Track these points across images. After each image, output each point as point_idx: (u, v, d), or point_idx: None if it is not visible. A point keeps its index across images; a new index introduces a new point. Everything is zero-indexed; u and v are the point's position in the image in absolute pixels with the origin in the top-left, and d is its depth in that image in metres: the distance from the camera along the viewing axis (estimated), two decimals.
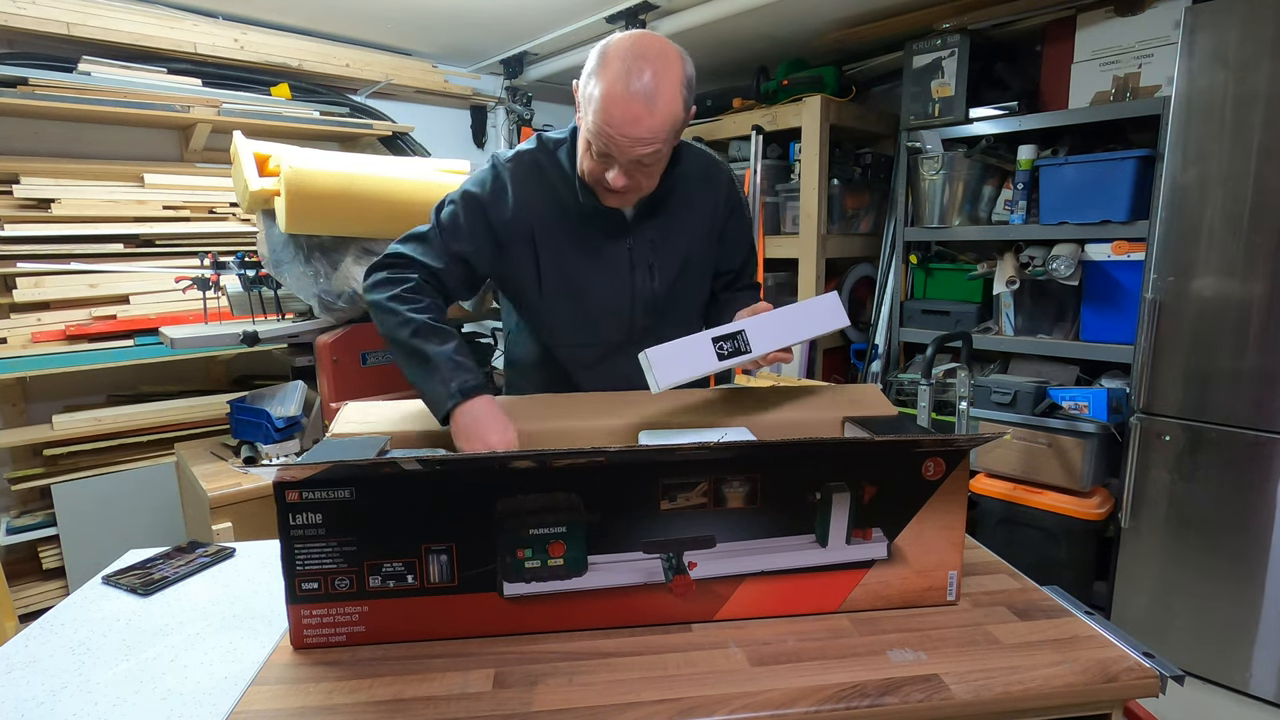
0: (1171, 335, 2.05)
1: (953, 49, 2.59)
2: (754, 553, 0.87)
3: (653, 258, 1.24)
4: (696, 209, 1.27)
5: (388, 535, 0.81)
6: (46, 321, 2.34)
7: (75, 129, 2.49)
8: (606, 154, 1.06)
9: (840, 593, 0.89)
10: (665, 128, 1.03)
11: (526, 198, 1.19)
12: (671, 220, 1.25)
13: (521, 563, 0.84)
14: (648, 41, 1.03)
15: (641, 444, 1.02)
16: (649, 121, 1.01)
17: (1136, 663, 0.77)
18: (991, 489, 2.41)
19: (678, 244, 1.26)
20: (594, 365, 1.29)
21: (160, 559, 1.13)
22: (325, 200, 1.90)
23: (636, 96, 1.00)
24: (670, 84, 1.03)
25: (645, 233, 1.24)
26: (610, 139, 1.02)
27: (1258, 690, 1.98)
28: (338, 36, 3.00)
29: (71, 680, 0.82)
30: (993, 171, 2.67)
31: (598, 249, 1.22)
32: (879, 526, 0.87)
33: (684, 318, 1.32)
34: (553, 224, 1.20)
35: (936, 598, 0.90)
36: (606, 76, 1.01)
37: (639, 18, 2.73)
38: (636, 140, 1.02)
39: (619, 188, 1.08)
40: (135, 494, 2.39)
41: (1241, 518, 1.96)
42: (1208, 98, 1.92)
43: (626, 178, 1.08)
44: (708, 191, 1.28)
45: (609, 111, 1.01)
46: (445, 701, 0.73)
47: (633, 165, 1.07)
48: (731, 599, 0.88)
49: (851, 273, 3.19)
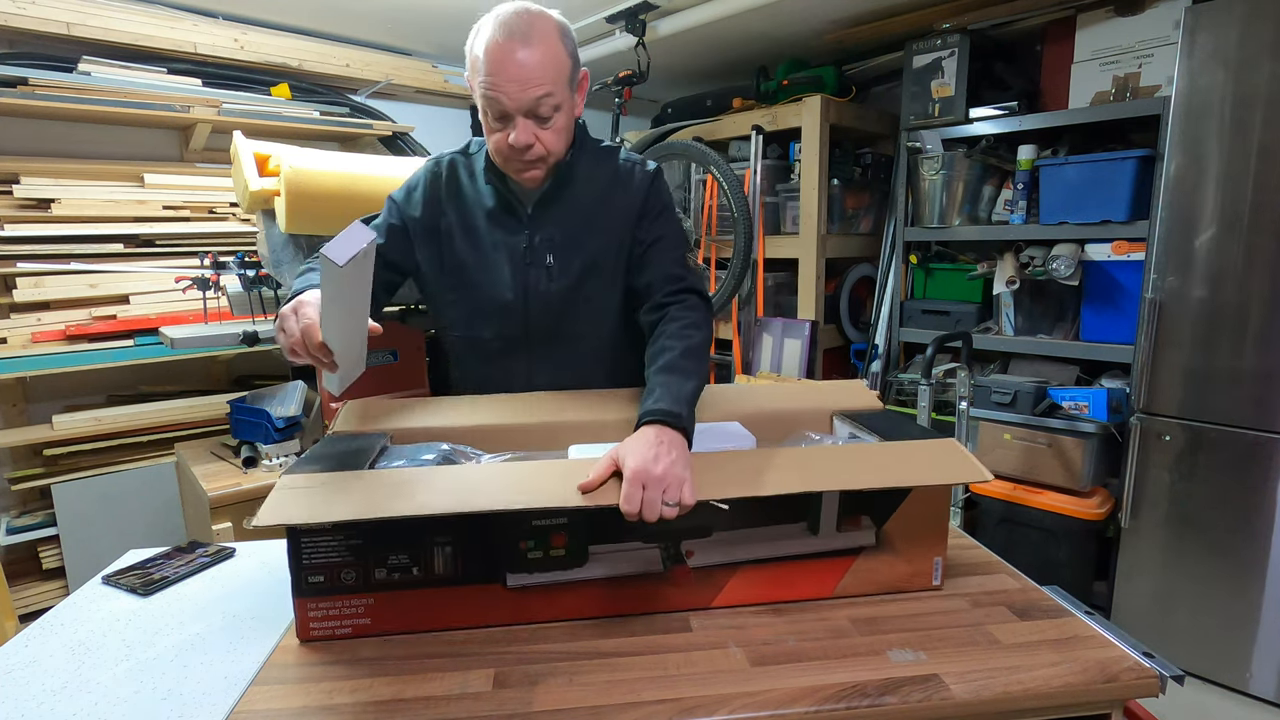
0: (1171, 335, 2.05)
1: (953, 49, 2.59)
2: (748, 541, 0.89)
3: (551, 256, 1.21)
4: (609, 201, 1.22)
5: (393, 528, 0.82)
6: (46, 321, 2.34)
7: (75, 129, 2.48)
8: (502, 113, 1.07)
9: (832, 579, 0.92)
10: (550, 66, 1.06)
11: (435, 195, 1.24)
12: (577, 218, 1.22)
13: (524, 554, 0.85)
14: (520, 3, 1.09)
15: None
16: (530, 59, 1.04)
17: (1136, 663, 0.77)
18: (991, 489, 2.41)
19: (584, 244, 1.21)
20: (493, 359, 1.27)
21: (160, 559, 1.13)
22: (325, 200, 1.89)
23: (514, 38, 1.03)
24: (545, 26, 1.07)
25: (544, 229, 1.21)
26: (499, 89, 1.04)
27: (1258, 690, 1.98)
28: (338, 36, 2.99)
29: (71, 680, 0.82)
30: (993, 171, 2.67)
31: (495, 244, 1.22)
32: (867, 514, 0.90)
33: (589, 321, 1.26)
34: (456, 220, 1.23)
35: (923, 582, 0.94)
36: (483, 35, 1.06)
37: (639, 18, 2.73)
38: (525, 82, 1.04)
39: (522, 144, 1.08)
40: (135, 494, 2.39)
41: (1241, 518, 1.96)
42: (1208, 98, 1.92)
43: (528, 135, 1.08)
44: (622, 183, 1.23)
45: (492, 61, 1.04)
46: (446, 701, 0.73)
47: (531, 118, 1.08)
48: (727, 587, 0.90)
49: (851, 273, 3.19)
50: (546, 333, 1.24)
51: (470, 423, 1.11)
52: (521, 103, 1.06)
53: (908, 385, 2.75)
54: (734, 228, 2.79)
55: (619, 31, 2.86)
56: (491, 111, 1.08)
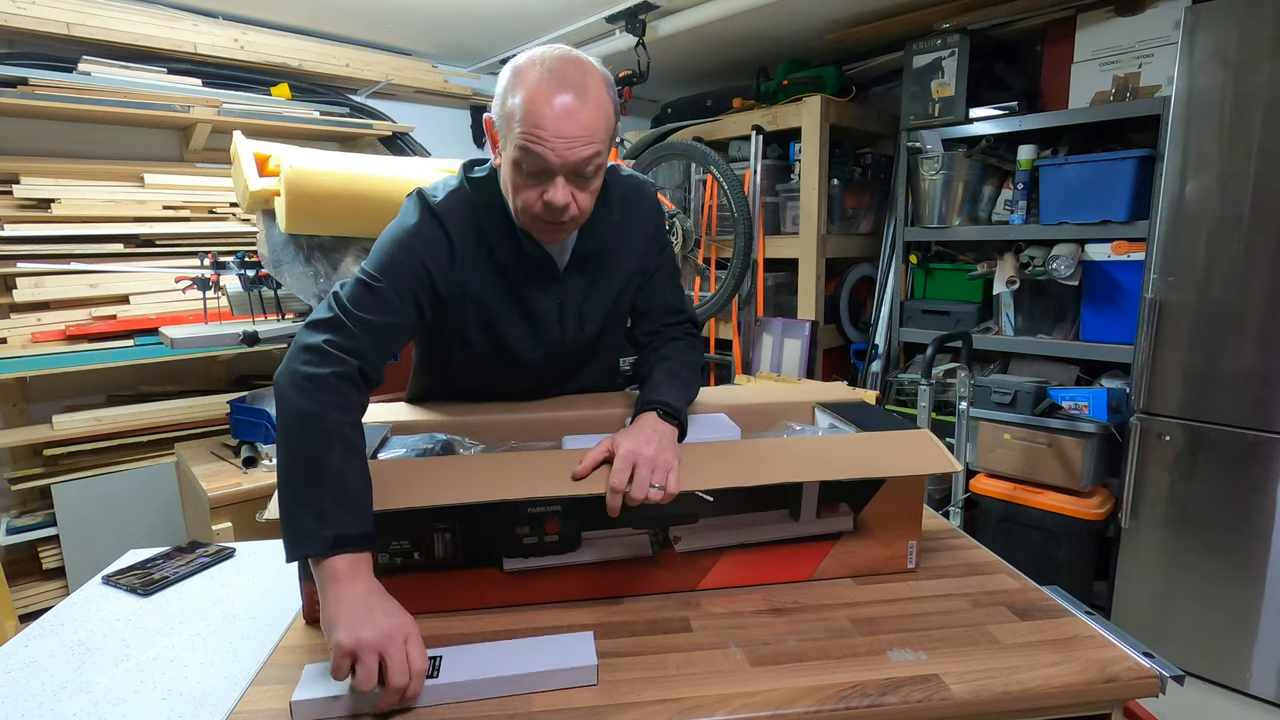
0: (1171, 335, 2.05)
1: (953, 49, 2.59)
2: (733, 527, 0.94)
3: (584, 308, 1.15)
4: (627, 246, 1.17)
5: (395, 514, 0.84)
6: (46, 321, 2.34)
7: (75, 129, 2.48)
8: (541, 169, 0.94)
9: (811, 562, 0.96)
10: (601, 124, 0.95)
11: (466, 249, 1.07)
12: (601, 265, 1.15)
13: (520, 539, 0.89)
14: (560, 49, 0.97)
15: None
16: (583, 114, 0.92)
17: (1136, 663, 0.77)
18: (991, 489, 2.41)
19: (608, 290, 1.17)
20: (491, 397, 1.22)
21: (160, 559, 1.13)
22: (325, 200, 1.90)
23: (565, 91, 0.92)
24: (596, 80, 0.96)
25: (574, 283, 1.14)
26: (544, 143, 0.92)
27: (1258, 690, 1.98)
28: (338, 36, 2.99)
29: (71, 680, 0.82)
30: (993, 171, 2.67)
31: (529, 307, 1.12)
32: (845, 501, 0.95)
33: (601, 368, 1.27)
34: (482, 278, 1.08)
35: (898, 565, 0.99)
36: (527, 83, 0.93)
37: (639, 18, 2.73)
38: (573, 139, 0.92)
39: (560, 205, 0.96)
40: (135, 494, 2.39)
41: (1241, 518, 1.96)
42: (1208, 98, 1.92)
43: (566, 195, 0.96)
44: (637, 227, 1.18)
45: (539, 114, 0.91)
46: (444, 704, 0.73)
47: (572, 177, 0.96)
48: (713, 570, 0.94)
49: (851, 273, 3.19)
50: (557, 380, 1.23)
51: (468, 417, 1.14)
52: (567, 162, 0.94)
53: (908, 385, 2.75)
54: (734, 228, 2.79)
55: (619, 31, 2.86)
56: (528, 165, 0.95)
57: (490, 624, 0.87)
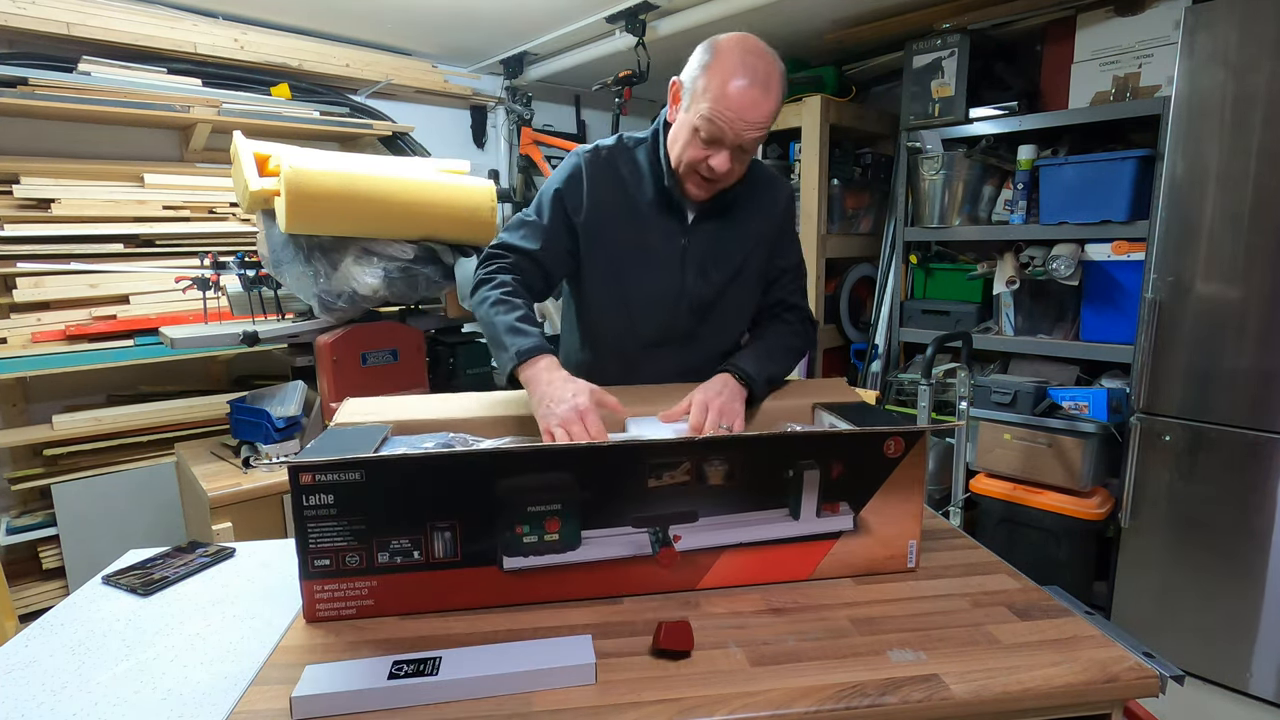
0: (1171, 335, 2.05)
1: (953, 49, 2.60)
2: (733, 526, 0.93)
3: (707, 259, 1.27)
4: (758, 214, 1.30)
5: (395, 514, 0.85)
6: (46, 321, 2.34)
7: (75, 129, 2.48)
8: (716, 139, 1.12)
9: (811, 562, 0.96)
10: (774, 113, 1.13)
11: (597, 190, 1.26)
12: (731, 223, 1.28)
13: (520, 538, 0.89)
14: (754, 40, 1.15)
15: (630, 434, 1.08)
16: (764, 105, 1.10)
17: (1136, 663, 0.77)
18: (992, 489, 2.41)
19: (735, 247, 1.29)
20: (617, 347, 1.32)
21: (160, 559, 1.13)
22: (325, 200, 1.90)
23: (755, 85, 1.09)
24: (778, 76, 1.13)
25: (701, 235, 1.27)
26: (728, 122, 1.09)
27: (1258, 690, 1.98)
28: (338, 36, 2.99)
29: (71, 680, 0.82)
30: (993, 171, 2.67)
31: (654, 246, 1.26)
32: (846, 500, 0.95)
33: (728, 325, 1.34)
34: (614, 217, 1.26)
35: (898, 565, 0.98)
36: (723, 66, 1.10)
37: (639, 18, 2.73)
38: (752, 124, 1.10)
39: (723, 171, 1.14)
40: (135, 494, 2.39)
41: (1241, 518, 1.96)
42: (1208, 98, 1.92)
43: (728, 163, 1.14)
44: (769, 198, 1.32)
45: (729, 98, 1.08)
46: (445, 702, 0.73)
47: (737, 151, 1.14)
48: (713, 569, 0.94)
49: (851, 273, 3.19)
50: (685, 333, 1.31)
51: (470, 414, 1.14)
52: (742, 139, 1.12)
53: (908, 385, 2.75)
54: None
55: (619, 31, 2.86)
56: (705, 133, 1.12)
57: (490, 623, 0.87)
